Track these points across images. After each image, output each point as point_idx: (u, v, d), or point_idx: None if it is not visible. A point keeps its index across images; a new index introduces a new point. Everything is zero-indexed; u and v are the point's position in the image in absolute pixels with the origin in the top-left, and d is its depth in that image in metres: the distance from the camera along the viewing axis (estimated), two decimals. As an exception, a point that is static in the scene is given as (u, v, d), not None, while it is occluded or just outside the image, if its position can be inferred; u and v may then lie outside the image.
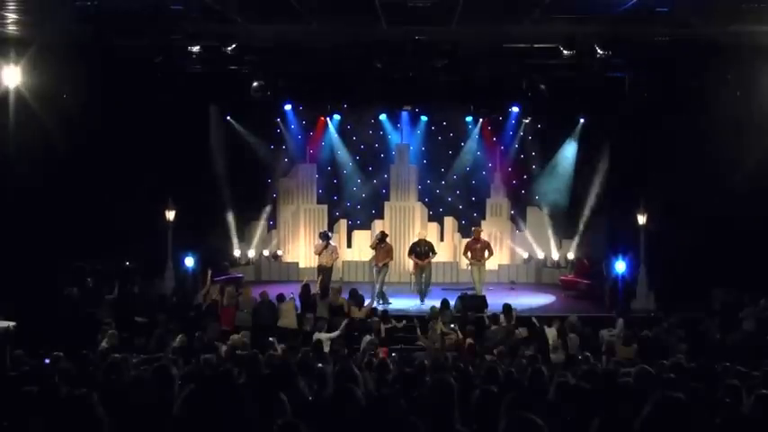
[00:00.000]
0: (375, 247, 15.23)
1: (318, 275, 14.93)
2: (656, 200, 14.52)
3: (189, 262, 15.05)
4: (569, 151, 17.30)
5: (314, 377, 6.14)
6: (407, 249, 15.53)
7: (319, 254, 15.26)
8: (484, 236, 15.80)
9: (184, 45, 12.78)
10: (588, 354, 10.10)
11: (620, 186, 15.15)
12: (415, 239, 15.64)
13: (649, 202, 14.76)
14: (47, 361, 8.21)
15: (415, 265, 15.18)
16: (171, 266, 15.25)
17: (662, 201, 14.34)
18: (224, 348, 9.89)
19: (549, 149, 17.52)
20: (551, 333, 11.62)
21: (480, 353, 10.57)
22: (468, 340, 11.04)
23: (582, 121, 17.06)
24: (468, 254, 15.09)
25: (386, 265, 15.01)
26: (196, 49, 12.75)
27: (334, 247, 15.75)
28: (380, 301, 14.49)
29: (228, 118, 17.31)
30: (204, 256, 15.15)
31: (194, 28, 12.43)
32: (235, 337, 10.97)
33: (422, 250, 15.08)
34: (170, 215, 15.28)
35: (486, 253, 15.06)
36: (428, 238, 15.76)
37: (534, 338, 11.42)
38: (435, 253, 15.39)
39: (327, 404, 4.71)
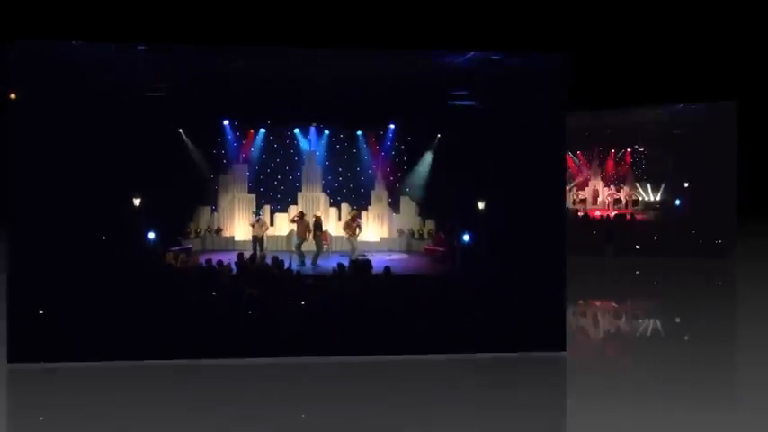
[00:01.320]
0: (294, 221, 21.49)
1: (253, 243, 21.20)
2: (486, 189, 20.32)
3: (151, 235, 20.88)
4: (428, 157, 23.67)
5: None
6: (312, 227, 21.67)
7: (252, 226, 21.66)
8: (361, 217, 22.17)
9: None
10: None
11: (453, 181, 21.25)
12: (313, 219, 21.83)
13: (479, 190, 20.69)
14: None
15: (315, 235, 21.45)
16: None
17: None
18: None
19: (415, 155, 23.69)
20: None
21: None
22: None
23: (439, 135, 23.35)
24: (348, 229, 21.57)
25: (303, 239, 21.28)
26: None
27: (264, 221, 22.03)
28: (298, 260, 20.59)
29: (180, 131, 23.15)
30: (163, 230, 21.02)
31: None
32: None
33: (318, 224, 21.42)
34: (136, 202, 20.94)
35: (358, 229, 21.52)
36: (323, 217, 22.11)
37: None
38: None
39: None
